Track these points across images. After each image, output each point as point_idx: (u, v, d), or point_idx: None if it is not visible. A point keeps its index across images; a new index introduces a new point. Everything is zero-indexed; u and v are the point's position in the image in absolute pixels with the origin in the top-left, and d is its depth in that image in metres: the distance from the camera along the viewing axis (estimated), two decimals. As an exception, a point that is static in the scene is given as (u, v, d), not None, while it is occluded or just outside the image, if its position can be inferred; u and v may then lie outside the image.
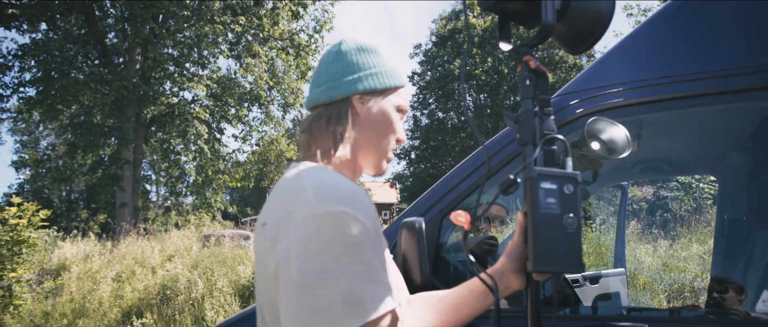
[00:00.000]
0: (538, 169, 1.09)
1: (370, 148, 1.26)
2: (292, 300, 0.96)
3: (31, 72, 16.70)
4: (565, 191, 1.09)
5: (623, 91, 1.84)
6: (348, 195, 1.02)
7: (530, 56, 1.22)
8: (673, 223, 9.84)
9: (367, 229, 1.00)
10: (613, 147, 2.16)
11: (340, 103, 1.23)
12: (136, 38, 15.37)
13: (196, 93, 18.56)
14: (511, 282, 1.21)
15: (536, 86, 1.23)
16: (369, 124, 1.24)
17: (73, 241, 12.51)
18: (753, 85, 1.68)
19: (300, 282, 0.95)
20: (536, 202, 1.07)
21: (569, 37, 1.29)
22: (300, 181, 1.07)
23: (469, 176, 1.87)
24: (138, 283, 8.48)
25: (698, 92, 1.75)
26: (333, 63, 1.26)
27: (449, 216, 2.06)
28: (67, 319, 8.03)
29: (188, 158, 19.63)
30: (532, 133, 1.18)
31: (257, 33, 18.34)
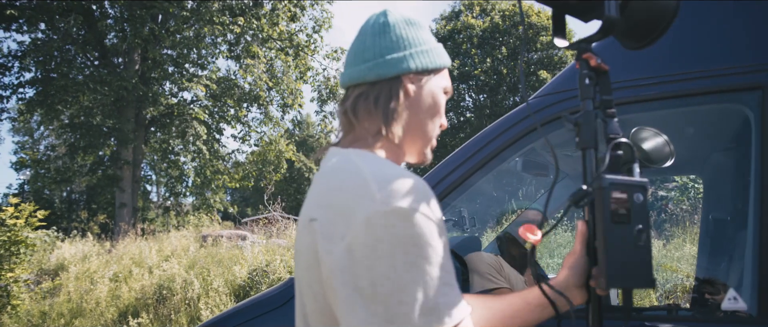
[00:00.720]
0: (610, 177, 1.02)
1: (418, 133, 1.15)
2: (359, 307, 0.86)
3: (30, 72, 16.75)
4: (635, 201, 1.02)
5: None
6: (415, 189, 0.91)
7: (591, 53, 1.13)
8: (669, 223, 9.84)
9: (437, 225, 0.90)
10: (655, 156, 2.18)
11: (390, 81, 1.11)
12: (135, 39, 15.41)
13: (196, 93, 18.59)
14: (573, 296, 1.13)
15: (597, 85, 1.14)
16: (419, 106, 1.13)
17: (72, 241, 12.54)
18: (731, 87, 1.70)
19: (369, 288, 0.85)
20: (608, 213, 1.00)
21: (629, 32, 1.22)
22: (358, 172, 0.95)
23: (461, 166, 1.89)
24: (135, 283, 8.50)
25: (678, 93, 1.77)
26: (379, 36, 1.13)
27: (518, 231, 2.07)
28: (65, 319, 8.05)
29: (187, 159, 19.67)
30: (593, 136, 1.09)
31: (256, 34, 18.37)
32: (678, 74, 1.77)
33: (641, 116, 2.13)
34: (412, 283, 0.83)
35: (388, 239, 0.84)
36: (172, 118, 18.69)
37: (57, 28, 16.37)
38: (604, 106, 1.13)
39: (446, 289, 0.86)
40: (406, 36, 1.13)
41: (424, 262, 0.85)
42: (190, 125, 18.36)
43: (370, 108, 1.10)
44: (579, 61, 1.14)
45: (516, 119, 1.92)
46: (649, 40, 1.20)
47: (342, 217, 0.89)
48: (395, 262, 0.84)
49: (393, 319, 0.83)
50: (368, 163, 0.97)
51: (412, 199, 0.88)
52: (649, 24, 1.18)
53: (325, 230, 0.91)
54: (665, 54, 1.80)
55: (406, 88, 1.10)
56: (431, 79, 1.14)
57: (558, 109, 1.86)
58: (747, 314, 1.53)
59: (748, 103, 1.71)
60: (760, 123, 1.63)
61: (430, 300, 0.84)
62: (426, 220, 0.87)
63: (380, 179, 0.90)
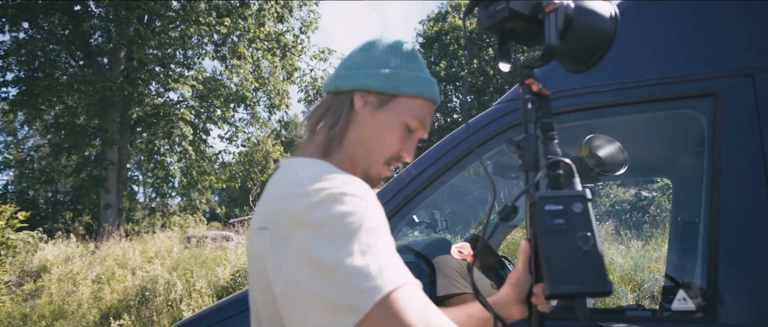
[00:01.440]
0: (539, 192, 1.05)
1: (362, 152, 1.13)
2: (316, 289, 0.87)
3: (12, 72, 16.57)
4: (574, 210, 1.04)
5: (563, 97, 1.90)
6: (347, 180, 0.94)
7: (533, 79, 1.17)
8: (648, 224, 9.98)
9: (372, 206, 0.92)
10: (610, 163, 2.24)
11: (344, 95, 1.12)
12: (120, 39, 15.31)
13: (182, 93, 18.51)
14: (512, 312, 1.17)
15: (539, 109, 1.18)
16: (366, 126, 1.12)
17: (55, 243, 12.43)
18: (685, 94, 1.76)
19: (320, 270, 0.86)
20: (543, 224, 1.02)
21: (571, 56, 1.26)
22: (295, 176, 0.98)
23: (412, 182, 1.93)
24: (117, 284, 8.46)
25: (636, 100, 1.82)
26: (359, 52, 1.15)
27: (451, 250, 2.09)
28: (46, 320, 7.99)
29: (173, 160, 19.57)
30: (534, 159, 1.13)
31: (243, 34, 18.32)
32: (636, 81, 1.82)
33: (604, 121, 2.18)
34: (358, 253, 0.85)
35: (327, 223, 0.87)
36: (158, 119, 18.59)
37: (41, 27, 16.22)
38: (545, 129, 1.17)
39: (388, 258, 0.88)
40: (377, 55, 1.12)
41: (365, 235, 0.87)
42: (176, 126, 18.27)
43: (319, 117, 1.14)
44: (522, 86, 1.18)
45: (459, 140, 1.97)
46: (589, 64, 1.26)
47: (287, 221, 0.92)
48: (338, 240, 0.86)
49: (345, 290, 0.84)
50: (306, 168, 0.99)
51: (344, 187, 0.91)
52: (589, 49, 1.23)
53: (275, 236, 0.93)
54: (624, 61, 1.85)
55: (354, 103, 1.11)
56: (391, 104, 1.12)
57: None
58: (695, 314, 1.58)
59: (701, 109, 1.76)
60: (711, 129, 1.69)
61: (376, 266, 0.85)
62: (360, 200, 0.90)
63: (313, 178, 0.93)
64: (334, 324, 0.84)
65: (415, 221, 2.96)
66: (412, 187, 1.92)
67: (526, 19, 1.17)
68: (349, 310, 0.84)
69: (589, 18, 1.25)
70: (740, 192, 1.57)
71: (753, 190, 1.55)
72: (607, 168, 2.20)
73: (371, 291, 0.83)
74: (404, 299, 0.86)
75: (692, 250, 2.28)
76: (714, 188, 1.62)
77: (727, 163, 1.61)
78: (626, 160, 2.19)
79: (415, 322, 0.85)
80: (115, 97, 16.31)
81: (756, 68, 1.66)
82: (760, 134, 1.60)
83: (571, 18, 1.23)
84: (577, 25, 1.21)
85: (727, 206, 1.58)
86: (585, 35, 1.22)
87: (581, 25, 1.21)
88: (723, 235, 1.55)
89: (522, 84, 1.18)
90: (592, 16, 1.25)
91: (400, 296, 0.85)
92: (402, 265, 0.91)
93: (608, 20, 1.24)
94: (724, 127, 1.65)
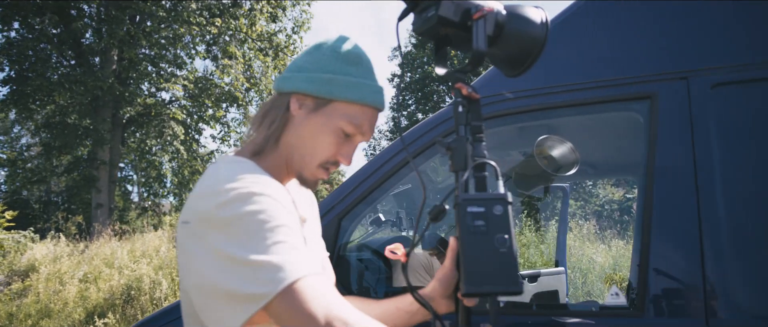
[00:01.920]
0: (465, 194, 1.09)
1: (295, 154, 1.16)
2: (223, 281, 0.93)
3: (3, 72, 16.54)
4: (495, 212, 1.08)
5: (513, 99, 1.95)
6: (257, 179, 0.99)
7: (462, 83, 1.21)
8: (627, 223, 10.08)
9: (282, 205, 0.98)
10: (563, 162, 2.29)
11: (283, 97, 1.15)
12: (111, 39, 15.29)
13: (174, 93, 18.50)
14: (439, 307, 1.21)
15: (469, 112, 1.22)
16: (300, 129, 1.14)
17: (44, 242, 12.42)
18: (625, 96, 1.81)
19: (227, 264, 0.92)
20: (464, 225, 1.06)
21: (505, 61, 1.30)
22: (215, 175, 1.03)
23: (361, 184, 1.98)
24: (104, 283, 8.48)
25: (583, 101, 1.87)
26: (305, 54, 1.17)
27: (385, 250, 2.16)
28: (32, 320, 8.00)
29: (164, 159, 19.56)
30: (464, 160, 1.16)
31: (235, 34, 18.32)
32: (581, 83, 1.88)
33: (555, 122, 2.24)
34: (264, 248, 0.92)
35: (235, 221, 0.94)
36: (150, 119, 18.58)
37: (32, 27, 16.19)
38: (474, 132, 1.21)
39: (294, 252, 0.94)
40: (319, 59, 1.13)
41: (271, 232, 0.93)
42: (167, 125, 18.26)
43: (260, 117, 1.17)
44: (453, 90, 1.21)
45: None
46: (523, 67, 1.30)
47: (200, 216, 0.98)
48: (245, 236, 0.92)
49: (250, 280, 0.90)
50: (229, 167, 1.04)
51: (253, 187, 0.97)
52: (521, 54, 1.27)
53: (192, 231, 0.98)
54: (573, 63, 1.91)
55: (290, 106, 1.13)
56: (326, 109, 1.13)
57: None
58: (625, 309, 1.63)
59: (639, 111, 1.81)
60: (648, 130, 1.74)
61: (280, 259, 0.91)
62: (268, 198, 0.97)
63: (229, 178, 0.99)
64: (238, 310, 0.91)
65: (381, 220, 3.02)
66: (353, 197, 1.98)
67: (457, 25, 1.21)
68: (252, 298, 0.90)
69: (520, 24, 1.29)
70: (670, 191, 1.63)
71: (683, 189, 1.61)
72: (560, 168, 2.26)
73: (275, 281, 0.90)
74: (307, 289, 0.92)
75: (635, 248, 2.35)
76: (648, 187, 1.67)
77: (660, 163, 1.66)
78: (578, 159, 2.24)
79: (316, 310, 0.91)
80: (107, 97, 16.29)
81: (691, 72, 1.72)
82: (691, 135, 1.65)
83: (502, 24, 1.28)
84: (508, 31, 1.26)
85: (658, 205, 1.63)
86: (516, 41, 1.26)
87: (512, 31, 1.26)
88: (653, 232, 1.61)
89: (452, 88, 1.22)
90: (522, 22, 1.30)
91: (302, 286, 0.91)
92: (308, 258, 0.96)
93: (539, 26, 1.28)
94: (658, 127, 1.70)
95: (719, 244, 1.53)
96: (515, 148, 2.60)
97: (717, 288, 1.50)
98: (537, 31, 1.27)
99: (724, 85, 1.66)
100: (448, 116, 1.96)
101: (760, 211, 1.56)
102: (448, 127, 1.94)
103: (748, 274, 1.52)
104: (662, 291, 1.56)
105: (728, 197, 1.56)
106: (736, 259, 1.51)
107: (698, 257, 1.54)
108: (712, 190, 1.58)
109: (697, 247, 1.55)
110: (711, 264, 1.52)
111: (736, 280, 1.50)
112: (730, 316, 1.48)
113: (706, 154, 1.61)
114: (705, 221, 1.56)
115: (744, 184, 1.58)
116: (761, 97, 1.64)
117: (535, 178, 2.55)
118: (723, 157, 1.60)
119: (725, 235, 1.53)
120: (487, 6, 1.23)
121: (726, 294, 1.49)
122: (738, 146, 1.62)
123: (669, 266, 1.58)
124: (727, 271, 1.51)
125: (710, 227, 1.55)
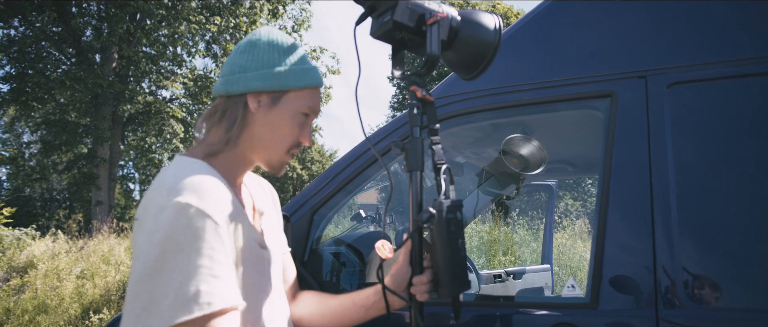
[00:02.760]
0: (447, 201, 1.15)
1: (262, 147, 1.21)
2: (130, 289, 0.95)
3: (2, 69, 16.63)
4: (458, 217, 1.16)
5: (481, 97, 2.00)
6: (199, 188, 1.00)
7: (417, 86, 1.27)
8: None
9: (213, 222, 0.98)
10: (532, 161, 2.34)
11: (236, 98, 1.18)
12: (111, 37, 15.36)
13: (174, 91, 18.56)
14: (393, 300, 1.27)
15: (424, 114, 1.27)
16: (262, 124, 1.19)
17: (43, 239, 12.51)
18: (587, 94, 1.86)
19: (140, 271, 0.94)
20: (448, 232, 1.12)
21: (460, 64, 1.36)
22: (164, 175, 1.06)
23: (332, 180, 2.03)
24: (100, 279, 8.55)
25: (548, 99, 1.92)
26: (241, 54, 1.20)
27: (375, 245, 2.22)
28: (29, 315, 8.07)
29: (163, 157, 19.63)
30: (419, 160, 1.22)
31: (235, 33, 18.37)
32: (546, 81, 1.93)
33: (522, 119, 2.29)
34: (175, 269, 0.92)
35: (162, 229, 0.95)
36: (150, 116, 18.66)
37: (32, 24, 16.27)
38: (430, 134, 1.28)
39: (211, 280, 0.94)
40: (262, 57, 1.18)
41: (193, 252, 0.94)
42: (167, 123, 18.33)
43: (215, 121, 1.20)
44: (409, 93, 1.28)
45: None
46: (477, 71, 1.36)
47: (142, 216, 1.02)
48: (165, 249, 0.93)
49: (152, 301, 0.92)
50: (177, 168, 1.08)
51: (193, 197, 0.98)
52: (476, 58, 1.34)
53: (141, 227, 1.02)
54: (539, 62, 1.96)
55: (249, 105, 1.18)
56: (282, 100, 1.19)
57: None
58: (580, 301, 1.68)
59: (600, 108, 1.86)
60: (607, 126, 1.79)
61: (190, 286, 0.92)
62: (202, 215, 0.97)
63: (175, 181, 1.01)
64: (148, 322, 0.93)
65: (362, 216, 3.08)
66: (325, 192, 2.03)
67: (412, 30, 1.27)
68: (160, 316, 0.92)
69: (474, 29, 1.35)
70: (626, 185, 1.68)
71: (637, 183, 1.66)
72: (528, 166, 2.30)
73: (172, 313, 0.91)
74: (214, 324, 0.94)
75: (592, 240, 2.40)
76: (604, 183, 1.72)
77: (617, 159, 1.71)
78: (545, 157, 2.29)
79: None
80: (107, 95, 16.36)
81: (648, 71, 1.77)
82: (647, 132, 1.70)
83: (456, 29, 1.33)
84: (462, 36, 1.33)
85: (613, 200, 1.68)
86: (470, 45, 1.33)
87: (466, 36, 1.33)
88: (609, 224, 1.66)
89: (409, 91, 1.29)
90: (476, 28, 1.35)
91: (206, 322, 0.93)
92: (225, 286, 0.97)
93: (492, 31, 1.34)
94: (617, 124, 1.75)
95: (670, 236, 1.58)
96: (489, 145, 2.65)
97: (667, 279, 1.55)
98: (490, 36, 1.33)
99: (680, 84, 1.71)
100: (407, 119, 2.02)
101: (710, 205, 1.60)
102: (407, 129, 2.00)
103: (697, 266, 1.57)
104: (615, 283, 1.61)
105: (680, 192, 1.61)
106: (686, 251, 1.56)
107: (650, 249, 1.59)
108: (666, 185, 1.62)
109: (649, 239, 1.60)
110: (662, 256, 1.57)
111: (685, 271, 1.55)
112: (679, 305, 1.53)
113: (660, 150, 1.66)
114: (657, 214, 1.61)
115: (695, 179, 1.62)
116: (714, 96, 1.68)
117: (508, 176, 2.60)
118: (676, 153, 1.64)
119: (676, 228, 1.58)
120: (441, 12, 1.29)
121: (675, 284, 1.54)
122: (691, 143, 1.66)
123: (622, 258, 1.63)
124: (677, 263, 1.55)
125: (662, 220, 1.59)
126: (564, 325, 1.61)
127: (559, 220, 10.45)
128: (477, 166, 2.98)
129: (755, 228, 1.56)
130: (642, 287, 1.58)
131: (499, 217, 8.67)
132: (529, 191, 4.81)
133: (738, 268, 1.56)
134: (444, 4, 1.33)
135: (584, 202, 23.59)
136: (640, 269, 1.59)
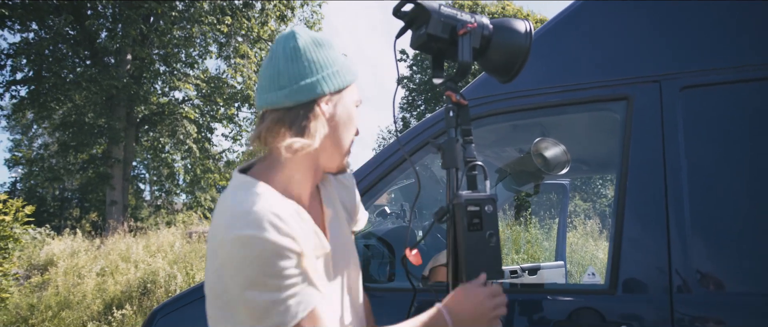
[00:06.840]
0: (465, 194, 1.24)
1: (334, 148, 1.21)
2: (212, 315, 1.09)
3: (22, 71, 16.92)
4: (486, 211, 1.24)
5: (498, 101, 2.14)
6: (261, 219, 1.01)
7: (452, 91, 1.36)
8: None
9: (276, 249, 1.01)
10: (554, 163, 2.48)
11: (306, 105, 1.14)
12: (125, 39, 15.60)
13: (187, 92, 18.80)
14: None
15: (458, 117, 1.37)
16: (334, 123, 1.19)
17: (61, 238, 12.75)
18: (606, 97, 1.99)
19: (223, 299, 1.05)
20: (464, 223, 1.20)
21: (495, 69, 1.46)
22: (225, 201, 1.10)
23: (367, 177, 2.18)
24: (121, 276, 8.76)
25: (572, 101, 2.06)
26: (292, 62, 1.14)
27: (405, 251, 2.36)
28: (52, 310, 8.28)
29: (176, 157, 19.88)
30: (454, 158, 1.31)
31: (247, 34, 18.58)
32: (567, 85, 2.06)
33: (542, 120, 2.43)
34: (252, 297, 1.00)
35: (232, 262, 1.01)
36: (163, 117, 18.90)
37: (48, 27, 16.56)
38: (464, 134, 1.39)
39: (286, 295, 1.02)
40: (317, 59, 1.15)
41: (265, 279, 1.00)
42: (180, 124, 18.57)
43: (285, 131, 1.13)
44: (444, 97, 1.39)
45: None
46: (511, 74, 1.48)
47: (212, 242, 1.07)
48: (239, 280, 1.01)
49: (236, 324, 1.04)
50: (238, 195, 1.09)
51: (254, 228, 1.00)
52: (509, 62, 1.45)
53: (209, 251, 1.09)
54: (559, 67, 2.09)
55: (321, 109, 1.15)
56: (344, 97, 1.20)
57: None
58: (600, 287, 1.82)
59: (618, 111, 2.00)
60: (624, 128, 1.92)
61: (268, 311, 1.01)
62: (264, 243, 1.00)
63: (236, 211, 1.04)
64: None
65: (387, 212, 3.23)
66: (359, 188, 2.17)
67: (447, 41, 1.39)
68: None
69: (506, 35, 1.47)
70: (642, 184, 1.81)
71: (653, 182, 1.79)
72: (552, 168, 2.44)
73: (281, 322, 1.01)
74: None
75: (610, 235, 2.53)
76: (622, 181, 1.85)
77: (634, 158, 1.85)
78: (568, 161, 2.43)
79: None
80: (121, 96, 16.62)
81: (662, 75, 1.90)
82: (662, 133, 1.83)
83: (488, 37, 1.46)
84: (495, 43, 1.44)
85: (630, 196, 1.82)
86: (503, 51, 1.44)
87: (499, 43, 1.44)
88: (626, 220, 1.79)
89: (444, 95, 1.40)
90: (508, 34, 1.47)
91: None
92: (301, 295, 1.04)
93: (523, 36, 1.45)
94: (633, 126, 1.88)
95: (684, 231, 1.71)
96: (509, 145, 2.79)
97: (680, 270, 1.69)
98: (521, 40, 1.45)
99: (692, 87, 1.84)
100: (440, 118, 2.15)
101: (720, 202, 1.74)
102: (440, 128, 2.13)
103: (708, 258, 1.70)
104: (632, 271, 1.74)
105: (693, 190, 1.74)
106: (698, 245, 1.70)
107: (665, 243, 1.72)
108: (679, 184, 1.76)
109: (664, 234, 1.73)
110: (676, 249, 1.70)
111: (697, 263, 1.69)
112: (691, 293, 1.67)
113: (674, 150, 1.79)
114: (672, 211, 1.74)
115: (707, 178, 1.76)
116: (725, 99, 1.81)
117: (529, 175, 2.74)
118: (689, 154, 1.78)
119: (689, 224, 1.71)
120: (472, 22, 1.42)
121: (687, 275, 1.68)
122: (703, 144, 1.80)
123: (639, 251, 1.76)
124: (690, 256, 1.69)
125: (676, 216, 1.73)
126: (585, 308, 1.75)
127: (570, 220, 10.55)
128: (495, 166, 3.12)
129: (761, 221, 1.70)
130: (656, 275, 1.71)
131: (519, 214, 8.79)
132: (542, 190, 4.98)
133: (747, 260, 1.70)
134: (476, 15, 1.45)
135: (594, 203, 23.60)
136: (654, 259, 1.73)
